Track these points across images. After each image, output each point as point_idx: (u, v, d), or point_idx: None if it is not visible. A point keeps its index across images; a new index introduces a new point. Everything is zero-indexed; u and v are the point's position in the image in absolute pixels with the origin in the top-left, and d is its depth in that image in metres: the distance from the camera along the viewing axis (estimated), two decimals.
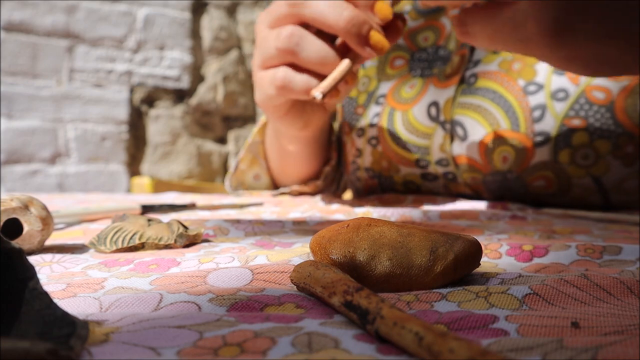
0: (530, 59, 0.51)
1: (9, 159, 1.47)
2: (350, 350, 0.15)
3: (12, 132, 1.47)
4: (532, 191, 0.51)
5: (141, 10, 1.62)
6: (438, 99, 0.55)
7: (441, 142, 0.55)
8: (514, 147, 0.50)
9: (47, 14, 1.50)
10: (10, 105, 1.47)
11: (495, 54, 0.54)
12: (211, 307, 0.19)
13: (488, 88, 0.52)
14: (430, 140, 0.55)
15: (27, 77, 1.49)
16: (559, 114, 0.48)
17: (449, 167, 0.55)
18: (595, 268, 0.25)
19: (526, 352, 0.15)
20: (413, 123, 0.56)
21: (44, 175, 1.51)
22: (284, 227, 0.38)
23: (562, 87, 0.49)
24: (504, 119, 0.51)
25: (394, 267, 0.21)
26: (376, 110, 0.60)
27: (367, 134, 0.60)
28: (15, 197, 0.30)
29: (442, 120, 0.54)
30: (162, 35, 1.65)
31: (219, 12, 1.76)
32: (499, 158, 0.51)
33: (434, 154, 0.56)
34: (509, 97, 0.51)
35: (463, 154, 0.54)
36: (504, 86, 0.52)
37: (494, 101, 0.52)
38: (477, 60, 0.55)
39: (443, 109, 0.54)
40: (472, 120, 0.53)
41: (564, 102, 0.48)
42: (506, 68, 0.52)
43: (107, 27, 1.58)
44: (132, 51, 1.61)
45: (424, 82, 0.57)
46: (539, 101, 0.49)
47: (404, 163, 0.58)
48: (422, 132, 0.56)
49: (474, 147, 0.53)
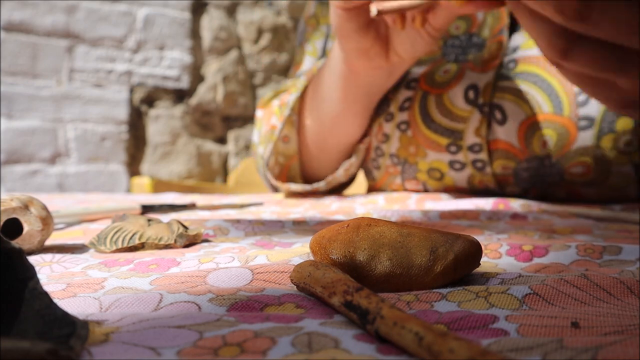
0: None
1: (9, 159, 1.47)
2: (350, 350, 0.15)
3: (12, 132, 1.47)
4: (568, 178, 0.51)
5: (141, 10, 1.62)
6: (477, 82, 0.55)
7: (477, 125, 0.54)
8: (556, 131, 0.50)
9: (47, 14, 1.50)
10: (10, 105, 1.47)
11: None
12: (211, 307, 0.19)
13: (530, 72, 0.52)
14: (465, 124, 0.55)
15: (27, 77, 1.49)
16: None
17: (480, 153, 0.55)
18: (595, 268, 0.25)
19: (526, 352, 0.15)
20: (448, 106, 0.56)
21: (44, 175, 1.51)
22: (284, 227, 0.38)
23: None
24: (547, 102, 0.50)
25: (394, 267, 0.21)
26: (407, 95, 0.59)
27: (397, 118, 0.59)
28: (15, 197, 0.30)
29: (480, 104, 0.54)
30: (162, 35, 1.65)
31: (219, 12, 1.76)
32: (538, 142, 0.51)
33: (467, 138, 0.55)
34: (552, 80, 0.51)
35: (500, 139, 0.53)
36: (547, 70, 0.51)
37: (536, 84, 0.51)
38: (516, 47, 0.54)
39: (482, 92, 0.54)
40: (512, 104, 0.52)
41: None
42: None
43: (107, 27, 1.58)
44: (132, 51, 1.61)
45: (459, 67, 0.57)
46: None
47: (434, 148, 0.57)
48: (457, 116, 0.55)
49: (512, 131, 0.52)
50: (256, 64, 1.80)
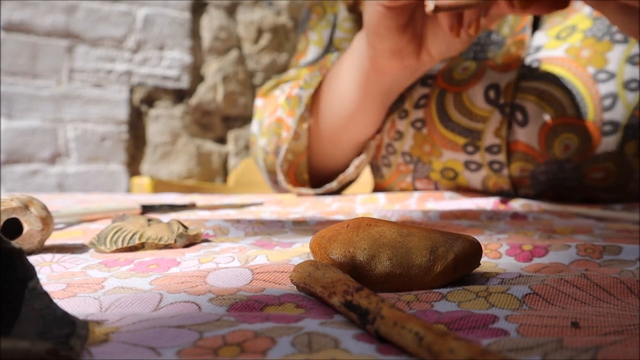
0: (601, 46, 0.50)
1: (9, 159, 1.47)
2: (350, 350, 0.15)
3: (12, 132, 1.47)
4: (587, 183, 0.50)
5: (141, 10, 1.62)
6: (499, 82, 0.53)
7: (497, 126, 0.53)
8: (579, 135, 0.49)
9: (47, 14, 1.50)
10: (10, 105, 1.47)
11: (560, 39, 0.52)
12: (211, 307, 0.19)
13: (555, 73, 0.51)
14: (485, 124, 0.53)
15: (27, 77, 1.49)
16: (630, 103, 0.48)
17: (499, 155, 0.53)
18: (595, 268, 0.25)
19: (526, 352, 0.15)
20: (467, 105, 0.54)
21: (44, 175, 1.51)
22: (284, 227, 0.38)
23: (635, 77, 0.48)
24: (570, 106, 0.49)
25: (394, 267, 0.21)
26: (423, 92, 0.57)
27: (411, 116, 0.58)
28: (15, 197, 0.30)
29: (501, 104, 0.53)
30: (162, 35, 1.65)
31: (219, 12, 1.76)
32: (560, 146, 0.50)
33: (486, 139, 0.54)
34: (577, 83, 0.50)
35: (520, 140, 0.52)
36: (572, 72, 0.50)
37: (561, 86, 0.50)
38: (539, 46, 0.53)
39: (504, 92, 0.52)
40: (535, 106, 0.51)
41: (637, 92, 0.48)
42: (574, 54, 0.51)
43: (107, 27, 1.57)
44: (131, 51, 1.61)
45: (478, 64, 0.55)
46: (610, 89, 0.48)
47: (450, 147, 0.56)
48: (477, 115, 0.54)
49: (533, 133, 0.51)
50: (256, 64, 1.80)
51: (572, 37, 0.52)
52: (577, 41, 0.51)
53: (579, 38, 0.52)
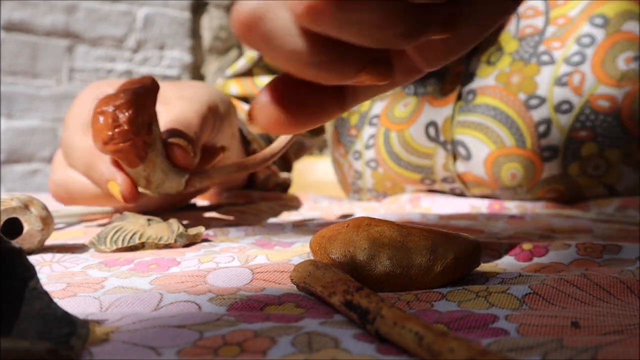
0: (529, 70, 0.49)
1: (9, 158, 1.47)
2: (350, 350, 0.15)
3: (12, 132, 1.47)
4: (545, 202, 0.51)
5: (141, 10, 1.62)
6: (436, 119, 0.53)
7: (444, 162, 0.53)
8: (522, 164, 0.49)
9: (47, 14, 1.50)
10: (10, 105, 1.47)
11: (490, 65, 0.52)
12: (211, 306, 0.19)
13: (488, 104, 0.50)
14: (432, 161, 0.53)
15: (27, 76, 1.49)
16: (564, 126, 0.47)
17: (455, 183, 0.54)
18: (595, 267, 0.25)
19: (526, 351, 0.15)
20: (411, 143, 0.54)
21: (44, 175, 1.51)
22: (284, 227, 0.38)
23: (565, 98, 0.47)
24: (508, 136, 0.49)
25: (394, 266, 0.21)
26: (370, 132, 0.57)
27: (365, 156, 0.58)
28: (15, 197, 0.30)
29: (442, 141, 0.52)
30: (162, 35, 1.65)
31: (219, 12, 1.76)
32: (507, 175, 0.50)
33: (438, 172, 0.54)
34: (510, 112, 0.49)
35: (469, 172, 0.52)
36: (504, 101, 0.50)
37: (496, 118, 0.50)
38: (472, 74, 0.52)
39: (442, 129, 0.52)
40: (475, 140, 0.51)
41: (569, 114, 0.47)
42: (504, 82, 0.50)
43: (107, 26, 1.57)
44: (132, 51, 1.61)
45: (418, 100, 0.54)
46: (543, 115, 0.48)
47: (409, 182, 0.56)
48: (422, 153, 0.54)
49: (479, 166, 0.51)
50: None
51: (501, 62, 0.51)
52: (506, 66, 0.51)
53: (507, 62, 0.51)
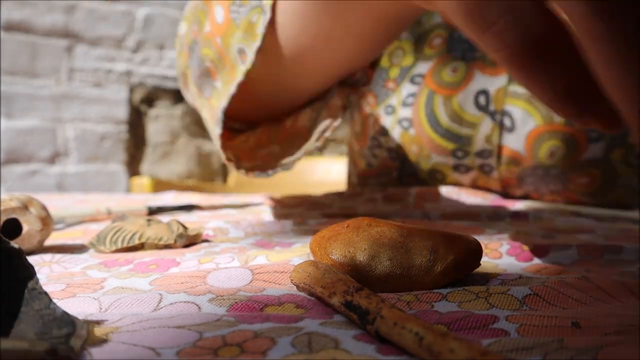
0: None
1: (9, 158, 1.47)
2: (350, 350, 0.15)
3: (12, 132, 1.47)
4: (571, 188, 0.50)
5: (141, 10, 1.62)
6: (488, 87, 0.52)
7: (488, 133, 0.52)
8: (565, 141, 0.49)
9: (46, 14, 1.50)
10: (10, 105, 1.47)
11: None
12: (211, 307, 0.19)
13: None
14: (475, 130, 0.52)
15: (27, 76, 1.49)
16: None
17: (489, 159, 0.53)
18: (596, 268, 0.25)
19: (526, 352, 0.15)
20: (457, 111, 0.53)
21: (44, 175, 1.51)
22: (284, 227, 0.38)
23: None
24: None
25: (394, 267, 0.21)
26: (411, 90, 0.55)
27: (398, 113, 0.55)
28: (15, 197, 0.30)
29: (492, 110, 0.52)
30: (161, 35, 1.65)
31: None
32: (545, 152, 0.50)
33: (476, 144, 0.53)
34: None
35: (507, 146, 0.51)
36: None
37: None
38: None
39: (494, 98, 0.51)
40: (523, 112, 0.50)
41: None
42: None
43: (106, 26, 1.57)
44: (131, 51, 1.61)
45: (467, 66, 0.53)
46: None
47: (439, 151, 0.54)
48: (466, 121, 0.53)
49: (520, 139, 0.51)
50: None
51: None
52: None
53: None
